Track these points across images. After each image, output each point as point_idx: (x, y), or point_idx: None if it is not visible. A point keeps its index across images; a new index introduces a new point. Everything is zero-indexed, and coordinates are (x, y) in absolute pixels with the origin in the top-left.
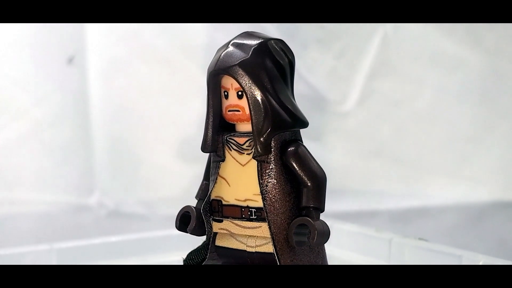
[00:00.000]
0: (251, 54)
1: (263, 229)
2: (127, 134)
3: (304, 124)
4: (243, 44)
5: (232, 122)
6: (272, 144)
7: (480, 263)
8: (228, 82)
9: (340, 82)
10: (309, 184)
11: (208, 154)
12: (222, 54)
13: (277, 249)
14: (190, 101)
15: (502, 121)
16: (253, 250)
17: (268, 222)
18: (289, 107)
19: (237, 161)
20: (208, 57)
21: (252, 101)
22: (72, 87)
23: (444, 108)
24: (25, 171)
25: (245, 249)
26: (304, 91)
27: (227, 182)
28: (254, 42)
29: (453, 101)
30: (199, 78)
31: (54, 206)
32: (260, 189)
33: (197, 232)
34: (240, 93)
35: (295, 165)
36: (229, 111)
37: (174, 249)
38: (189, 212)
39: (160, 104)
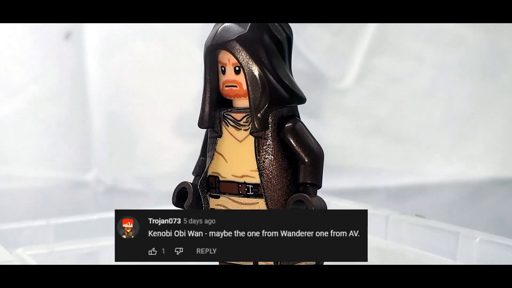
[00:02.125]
0: (248, 29)
1: (260, 205)
2: (124, 111)
3: (302, 100)
4: None
5: (229, 98)
6: (270, 120)
7: (477, 240)
8: (225, 57)
9: (338, 59)
10: (306, 160)
11: (205, 130)
12: (219, 29)
13: None
14: (187, 77)
15: (501, 98)
16: None
17: (265, 198)
18: (287, 82)
19: (234, 137)
20: (205, 33)
21: (250, 77)
22: (70, 64)
23: (443, 85)
24: (22, 148)
25: None
26: (302, 68)
27: (224, 158)
28: None
29: (452, 79)
30: (196, 54)
31: (51, 182)
32: (257, 165)
33: (194, 208)
34: (237, 68)
35: (292, 141)
36: (226, 86)
37: None
38: (186, 188)
39: (157, 80)
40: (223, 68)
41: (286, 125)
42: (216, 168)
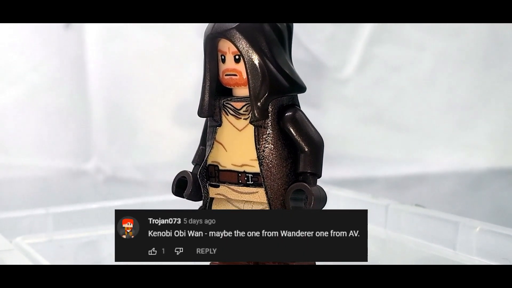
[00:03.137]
0: None
1: (259, 194)
2: (124, 99)
3: (302, 88)
4: None
5: (229, 87)
6: (269, 109)
7: (477, 230)
8: (225, 46)
9: (339, 48)
10: (306, 149)
11: (205, 119)
12: None
13: None
14: (187, 66)
15: (502, 87)
16: None
17: (265, 188)
18: (287, 71)
19: (234, 126)
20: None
21: (249, 65)
22: (69, 52)
23: (443, 74)
24: (22, 136)
25: None
26: (303, 57)
27: (223, 147)
28: None
29: (453, 68)
30: (196, 43)
31: (51, 171)
32: (257, 154)
33: (193, 197)
34: (237, 57)
35: (292, 130)
36: (226, 75)
37: None
38: (185, 177)
39: (157, 69)
40: (223, 57)
41: (286, 114)
42: (215, 157)
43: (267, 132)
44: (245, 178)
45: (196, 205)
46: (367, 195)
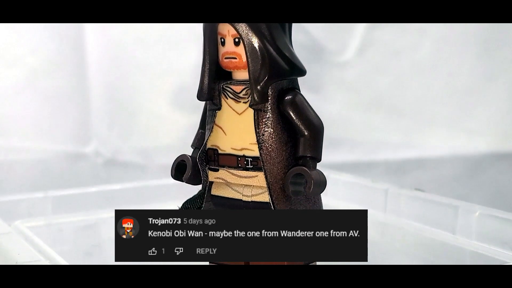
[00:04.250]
0: None
1: (259, 178)
2: (123, 83)
3: (302, 72)
4: None
5: (229, 70)
6: (269, 92)
7: (477, 214)
8: (225, 29)
9: (339, 31)
10: (306, 133)
11: (204, 102)
12: None
13: (273, 198)
14: (187, 49)
15: (502, 72)
16: (249, 199)
17: (264, 172)
18: (287, 54)
19: (233, 109)
20: None
21: (249, 48)
22: (68, 35)
23: (444, 59)
24: (21, 119)
25: (241, 198)
26: (303, 41)
27: (223, 131)
28: None
29: (453, 52)
30: (196, 26)
31: (50, 154)
32: (257, 138)
33: (192, 181)
34: (237, 40)
35: (292, 114)
36: (226, 58)
37: (170, 198)
38: (185, 161)
39: (156, 52)
40: (222, 40)
41: (286, 98)
42: (215, 141)
43: (267, 116)
44: (245, 162)
45: (195, 189)
46: (366, 179)
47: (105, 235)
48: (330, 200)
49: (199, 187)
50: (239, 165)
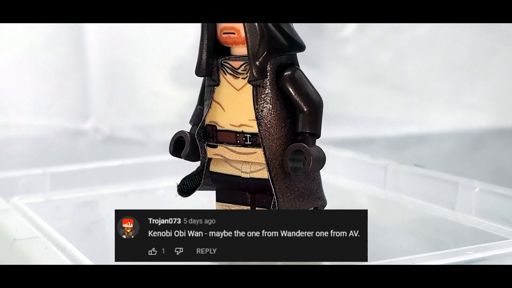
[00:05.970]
0: None
1: (258, 155)
2: (122, 59)
3: (301, 47)
4: None
5: (227, 45)
6: (268, 68)
7: (476, 190)
8: None
9: None
10: (305, 109)
11: (203, 78)
12: None
13: (272, 175)
14: (185, 25)
15: (503, 48)
16: (247, 176)
17: (263, 148)
18: (286, 30)
19: (232, 85)
20: None
21: (248, 23)
22: None
23: (444, 34)
24: (19, 96)
25: (239, 175)
26: None
27: (221, 107)
28: None
29: (453, 28)
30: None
31: (49, 130)
32: (255, 114)
33: (191, 157)
34: None
35: (291, 90)
36: (224, 33)
37: (169, 174)
38: (183, 138)
39: (154, 28)
40: None
41: (285, 73)
42: (213, 117)
43: (266, 92)
44: (243, 139)
45: (194, 165)
46: (366, 155)
47: (103, 211)
48: (329, 176)
49: (198, 163)
50: (238, 141)
